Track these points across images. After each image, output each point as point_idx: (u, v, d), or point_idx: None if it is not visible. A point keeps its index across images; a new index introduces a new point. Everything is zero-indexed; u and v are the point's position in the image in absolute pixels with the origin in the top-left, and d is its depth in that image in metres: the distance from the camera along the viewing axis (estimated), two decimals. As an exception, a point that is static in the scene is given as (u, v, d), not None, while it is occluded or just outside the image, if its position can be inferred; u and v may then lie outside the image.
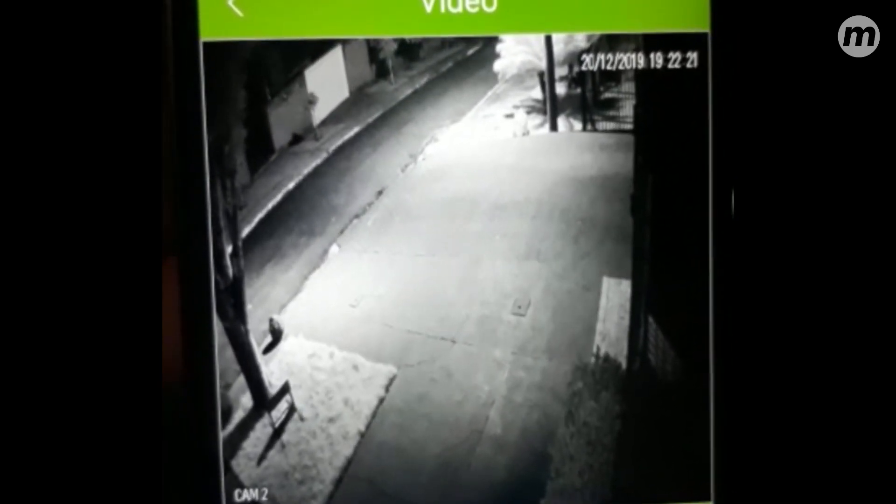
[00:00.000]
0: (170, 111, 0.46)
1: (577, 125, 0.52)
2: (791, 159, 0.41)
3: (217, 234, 0.47)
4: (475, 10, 0.48)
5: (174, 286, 0.46)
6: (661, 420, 0.50)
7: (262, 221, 0.49)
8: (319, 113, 0.51)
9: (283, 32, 0.47)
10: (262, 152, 0.49)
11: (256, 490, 0.48)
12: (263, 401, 0.49)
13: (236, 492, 0.48)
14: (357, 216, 0.51)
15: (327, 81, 0.50)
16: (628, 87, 0.49)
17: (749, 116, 0.41)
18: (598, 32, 0.49)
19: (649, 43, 0.49)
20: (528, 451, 0.49)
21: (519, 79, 0.50)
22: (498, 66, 0.49)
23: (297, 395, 0.49)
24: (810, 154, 0.40)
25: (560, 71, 0.50)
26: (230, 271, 0.48)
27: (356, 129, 0.51)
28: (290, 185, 0.50)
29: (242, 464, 0.48)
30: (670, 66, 0.49)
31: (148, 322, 0.44)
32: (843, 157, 0.40)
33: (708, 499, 0.49)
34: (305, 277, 0.50)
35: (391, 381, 0.50)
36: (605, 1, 0.48)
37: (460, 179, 0.51)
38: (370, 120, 0.51)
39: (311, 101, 0.50)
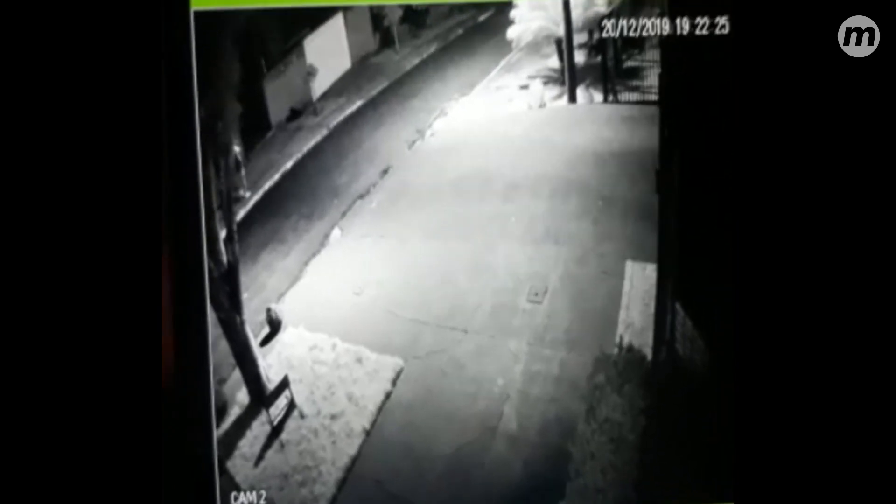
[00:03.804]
0: (160, 86, 0.44)
1: (598, 96, 0.52)
2: (790, 159, 0.40)
3: (210, 217, 0.45)
4: (487, -29, 0.47)
5: (164, 274, 0.44)
6: (688, 415, 0.47)
7: (258, 204, 0.49)
8: (319, 86, 0.51)
9: None
10: (257, 129, 0.49)
11: (254, 493, 0.46)
12: (261, 397, 0.48)
13: (232, 495, 0.46)
14: (360, 197, 0.51)
15: (328, 52, 0.49)
16: (652, 54, 0.48)
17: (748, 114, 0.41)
18: None
19: (675, 7, 0.47)
20: (546, 449, 0.47)
21: (535, 47, 0.50)
22: (512, 33, 0.48)
23: (298, 391, 0.48)
24: (809, 154, 0.40)
25: (579, 38, 0.50)
26: (224, 257, 0.47)
27: (359, 103, 0.51)
28: (289, 165, 0.50)
29: (239, 465, 0.47)
30: (698, 31, 0.47)
31: (146, 316, 0.41)
32: (843, 157, 0.40)
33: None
34: (305, 264, 0.50)
35: (398, 374, 0.49)
36: (628, -40, 0.47)
37: (471, 156, 0.51)
38: (374, 93, 0.52)
39: (310, 73, 0.50)
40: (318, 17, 0.47)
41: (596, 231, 0.50)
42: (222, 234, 0.47)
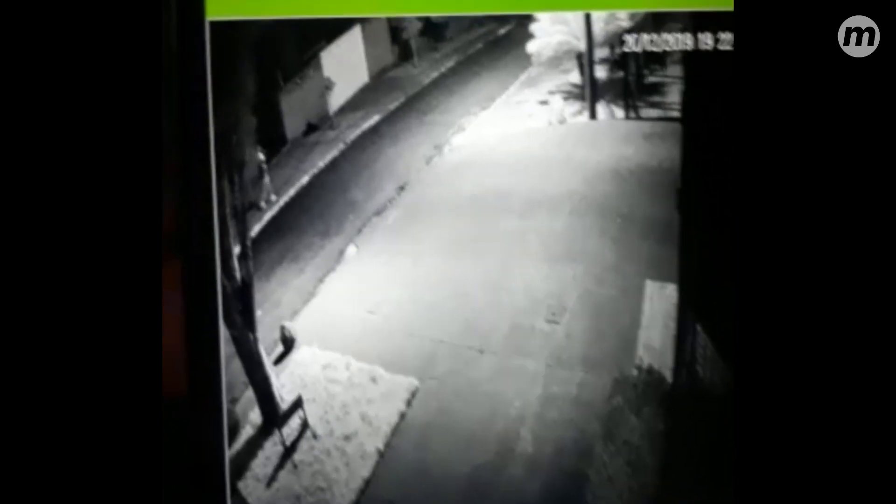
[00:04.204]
0: (173, 98, 0.45)
1: (619, 112, 0.51)
2: (789, 160, 0.40)
3: (224, 233, 0.45)
4: (508, -16, 0.46)
5: (176, 290, 0.44)
6: (709, 439, 0.47)
7: (273, 219, 0.49)
8: (336, 100, 0.51)
9: (297, 10, 0.45)
10: (273, 143, 0.48)
11: (266, 514, 0.46)
12: (274, 417, 0.48)
13: (244, 516, 0.46)
14: (377, 214, 0.51)
15: (345, 65, 0.49)
16: (675, 70, 0.47)
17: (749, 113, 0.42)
18: (643, 10, 0.47)
19: (698, 22, 0.46)
20: (563, 472, 0.47)
21: (555, 61, 0.49)
22: (532, 47, 0.48)
23: (311, 411, 0.48)
24: (809, 155, 0.40)
25: (600, 53, 0.49)
26: (238, 274, 0.46)
27: (376, 118, 0.51)
28: (304, 180, 0.50)
29: (251, 486, 0.46)
30: (721, 47, 0.47)
31: (146, 330, 0.41)
32: (843, 157, 0.40)
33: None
34: (320, 281, 0.50)
35: (413, 394, 0.49)
36: (651, -25, 0.47)
37: (489, 173, 0.50)
38: (392, 107, 0.51)
39: (327, 86, 0.50)
40: (335, 29, 0.47)
41: (615, 250, 0.49)
42: (236, 250, 0.46)
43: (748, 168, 0.40)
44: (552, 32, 0.48)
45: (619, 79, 0.50)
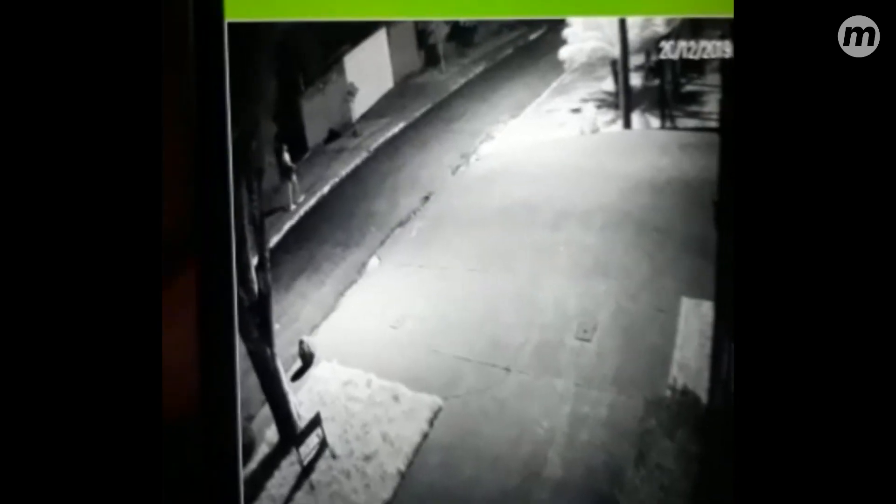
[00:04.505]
0: (189, 101, 0.44)
1: (655, 122, 0.51)
2: (790, 160, 0.41)
3: (241, 242, 0.45)
4: (539, -13, 0.47)
5: (192, 302, 0.44)
6: None
7: (292, 229, 0.49)
8: (360, 106, 0.51)
9: (320, 13, 0.45)
10: (294, 150, 0.48)
11: (281, 537, 0.47)
12: (291, 435, 0.48)
13: (258, 538, 0.47)
14: (400, 224, 0.51)
15: (369, 69, 0.49)
16: (713, 78, 0.47)
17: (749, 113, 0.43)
18: (680, 16, 0.46)
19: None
20: (593, 497, 0.46)
21: (588, 68, 0.49)
22: (564, 53, 0.48)
23: (330, 429, 0.48)
24: (809, 155, 0.41)
25: (635, 60, 0.49)
26: (255, 286, 0.46)
27: (401, 125, 0.52)
28: (326, 189, 0.50)
29: None
30: None
31: (147, 339, 0.40)
32: (843, 157, 0.41)
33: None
34: (341, 294, 0.51)
35: (436, 413, 0.49)
36: (689, -20, 0.47)
37: (518, 183, 0.50)
38: (417, 114, 0.52)
39: (350, 91, 0.50)
40: (359, 32, 0.47)
41: (650, 265, 0.49)
42: (254, 261, 0.46)
43: (745, 166, 0.40)
44: (585, 38, 0.48)
45: (655, 87, 0.50)
